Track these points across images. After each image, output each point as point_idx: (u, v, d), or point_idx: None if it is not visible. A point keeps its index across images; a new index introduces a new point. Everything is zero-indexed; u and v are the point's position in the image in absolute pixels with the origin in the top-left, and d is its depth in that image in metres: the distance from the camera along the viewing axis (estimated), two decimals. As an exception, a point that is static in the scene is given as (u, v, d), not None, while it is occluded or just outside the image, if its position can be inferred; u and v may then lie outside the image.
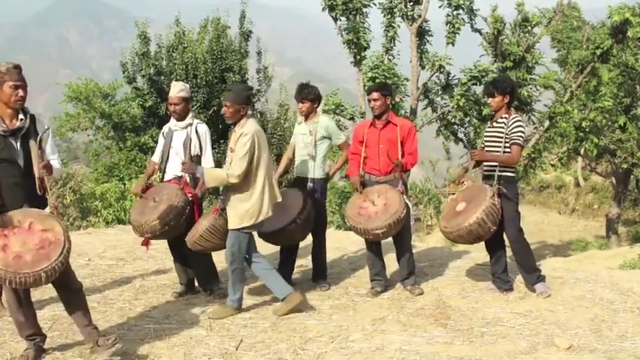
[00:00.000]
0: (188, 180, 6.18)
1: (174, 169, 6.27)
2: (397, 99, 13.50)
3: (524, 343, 5.04)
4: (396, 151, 6.34)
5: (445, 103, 14.74)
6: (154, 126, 17.50)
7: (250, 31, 18.85)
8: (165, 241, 6.47)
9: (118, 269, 7.56)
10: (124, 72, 18.13)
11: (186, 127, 6.26)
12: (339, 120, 13.77)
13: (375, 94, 6.40)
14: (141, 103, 17.71)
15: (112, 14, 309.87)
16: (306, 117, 6.62)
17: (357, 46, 13.99)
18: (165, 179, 6.35)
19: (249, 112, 5.73)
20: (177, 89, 6.27)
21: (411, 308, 6.00)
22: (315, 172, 6.59)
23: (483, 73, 13.35)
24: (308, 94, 6.54)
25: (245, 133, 5.49)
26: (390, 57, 14.31)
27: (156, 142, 16.63)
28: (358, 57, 14.09)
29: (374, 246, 6.60)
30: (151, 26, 18.56)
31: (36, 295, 6.25)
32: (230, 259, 5.72)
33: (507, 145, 6.01)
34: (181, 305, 6.11)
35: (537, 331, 5.32)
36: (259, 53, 19.05)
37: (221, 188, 5.87)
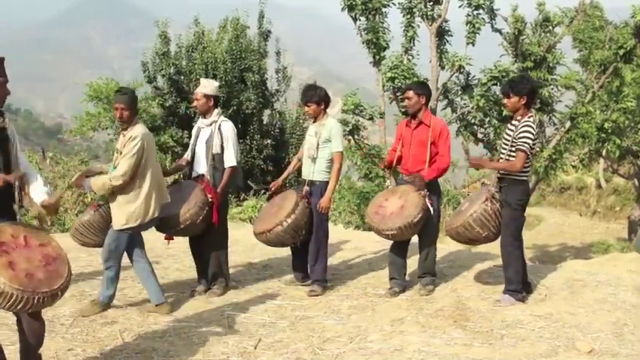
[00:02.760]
0: (209, 178, 6.25)
1: (198, 167, 6.38)
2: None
3: (545, 346, 4.99)
4: (425, 152, 6.31)
5: (465, 104, 14.65)
6: (174, 125, 17.57)
7: (269, 31, 18.88)
8: (187, 239, 6.55)
9: (138, 268, 7.59)
10: (144, 71, 18.23)
11: (210, 125, 6.32)
12: (358, 120, 13.74)
13: (409, 93, 6.40)
14: (161, 102, 17.80)
15: (132, 14, 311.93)
16: (315, 119, 6.56)
17: (376, 46, 13.95)
18: (191, 177, 6.42)
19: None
20: (201, 85, 6.42)
21: (430, 309, 5.97)
22: (314, 174, 6.49)
23: (504, 74, 13.25)
24: (312, 97, 6.44)
25: (135, 135, 5.50)
26: (410, 57, 14.26)
27: (175, 141, 16.81)
28: (377, 57, 14.04)
29: (397, 245, 6.56)
30: (170, 26, 18.65)
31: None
32: (106, 256, 5.70)
33: (512, 149, 5.86)
34: (200, 304, 6.13)
35: (558, 334, 5.27)
36: (278, 53, 19.07)
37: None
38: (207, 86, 6.39)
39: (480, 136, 15.25)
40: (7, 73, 3.92)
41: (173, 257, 7.99)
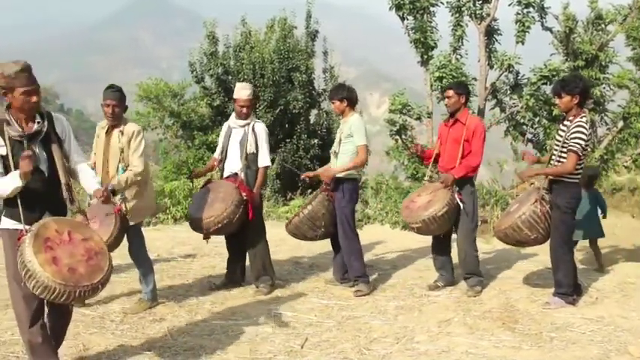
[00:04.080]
0: (243, 177, 6.34)
1: (231, 166, 6.48)
2: (464, 98, 13.31)
3: (596, 350, 4.89)
4: (457, 150, 6.32)
5: (514, 103, 14.44)
6: (222, 125, 17.76)
7: (316, 31, 18.90)
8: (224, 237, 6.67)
9: (186, 265, 7.70)
10: (192, 72, 18.42)
11: (244, 126, 6.43)
12: (406, 120, 13.65)
13: (449, 92, 6.49)
14: (209, 102, 17.97)
15: (180, 15, 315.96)
16: (342, 116, 6.69)
17: (424, 46, 13.85)
18: (223, 176, 6.51)
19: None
20: (248, 92, 6.48)
21: (478, 311, 5.92)
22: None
23: (554, 73, 13.02)
24: (336, 94, 6.62)
25: (138, 130, 5.67)
26: (458, 56, 14.12)
27: (223, 141, 16.94)
28: (425, 56, 13.94)
29: (437, 241, 6.67)
30: (218, 26, 18.82)
31: (106, 289, 6.44)
32: (136, 254, 5.85)
33: (564, 150, 5.76)
34: (248, 302, 6.19)
35: (609, 337, 5.16)
36: (325, 53, 19.07)
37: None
38: (250, 90, 6.53)
39: (529, 136, 15.01)
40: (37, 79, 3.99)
41: (221, 255, 8.07)
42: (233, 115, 6.64)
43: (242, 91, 6.48)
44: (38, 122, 4.02)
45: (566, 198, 5.80)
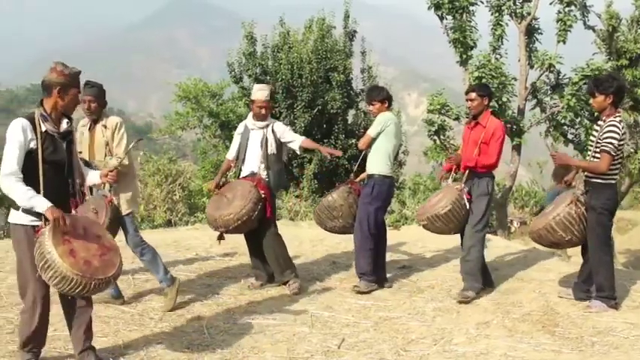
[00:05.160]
0: (264, 176, 6.39)
1: (250, 166, 6.52)
2: (504, 99, 13.17)
3: (638, 356, 4.80)
4: (474, 152, 6.26)
5: (555, 104, 14.26)
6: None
7: (355, 31, 18.91)
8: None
9: (224, 264, 7.74)
10: (230, 72, 18.55)
11: (263, 128, 6.49)
12: (444, 120, 13.57)
13: (472, 94, 6.40)
14: (247, 102, 18.06)
15: (218, 15, 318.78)
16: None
17: (463, 45, 13.75)
18: (241, 176, 6.58)
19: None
20: (266, 92, 6.54)
21: (517, 313, 5.85)
22: (368, 168, 6.64)
23: (596, 72, 12.82)
24: (377, 96, 6.61)
25: (120, 122, 5.80)
26: (498, 56, 13.99)
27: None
28: (464, 56, 13.84)
29: (462, 238, 6.57)
30: (256, 26, 18.93)
31: (146, 287, 6.51)
32: (133, 243, 5.86)
33: (597, 151, 5.65)
34: (285, 302, 6.19)
35: (653, 343, 5.06)
36: (363, 53, 19.06)
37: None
38: (268, 91, 6.58)
39: (570, 137, 14.80)
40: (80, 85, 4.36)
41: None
42: (250, 116, 6.66)
43: (260, 92, 6.52)
44: (68, 122, 4.27)
45: (601, 200, 5.69)
